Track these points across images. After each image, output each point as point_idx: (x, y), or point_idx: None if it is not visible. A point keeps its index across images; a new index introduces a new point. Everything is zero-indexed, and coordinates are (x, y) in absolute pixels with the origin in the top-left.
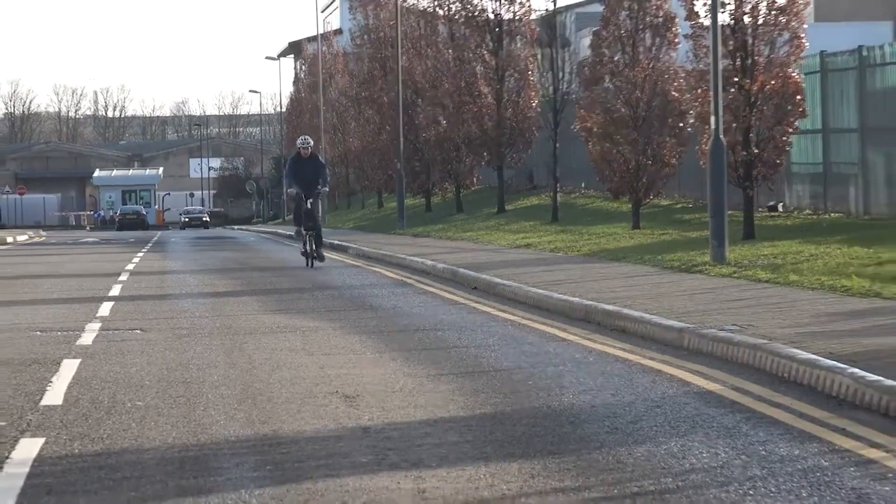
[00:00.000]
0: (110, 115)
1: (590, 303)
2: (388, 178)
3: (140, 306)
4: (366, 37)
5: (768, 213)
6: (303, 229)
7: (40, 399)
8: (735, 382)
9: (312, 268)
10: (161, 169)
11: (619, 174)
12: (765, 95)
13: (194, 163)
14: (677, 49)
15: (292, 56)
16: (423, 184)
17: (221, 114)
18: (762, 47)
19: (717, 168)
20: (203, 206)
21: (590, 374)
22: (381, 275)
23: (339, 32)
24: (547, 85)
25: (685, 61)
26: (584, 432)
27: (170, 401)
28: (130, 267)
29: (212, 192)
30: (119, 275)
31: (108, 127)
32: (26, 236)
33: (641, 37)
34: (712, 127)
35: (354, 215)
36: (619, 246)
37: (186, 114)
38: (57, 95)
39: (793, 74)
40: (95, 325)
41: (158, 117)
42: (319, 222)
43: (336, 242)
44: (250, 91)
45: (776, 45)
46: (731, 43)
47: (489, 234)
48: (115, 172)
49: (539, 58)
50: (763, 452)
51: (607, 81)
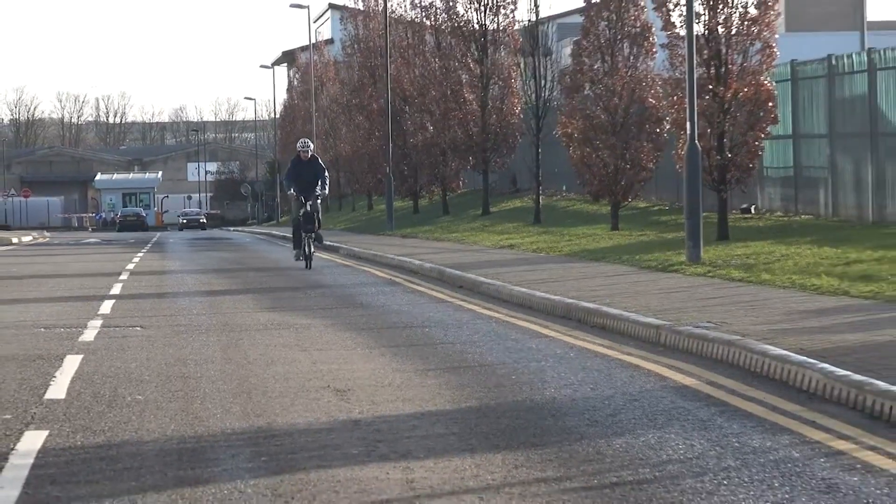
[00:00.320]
0: (111, 121)
1: (571, 301)
2: (377, 182)
3: (140, 304)
4: (356, 46)
5: (741, 215)
6: (302, 231)
7: (44, 393)
8: (710, 377)
9: (310, 269)
10: (160, 173)
11: (599, 178)
12: (738, 102)
13: (192, 167)
14: (654, 58)
15: (286, 65)
16: (411, 187)
17: (218, 120)
18: (735, 56)
19: (693, 172)
20: (200, 208)
21: (571, 369)
22: (371, 274)
23: (330, 42)
24: (529, 92)
25: (662, 70)
26: (565, 425)
27: (168, 395)
28: (131, 266)
29: (209, 194)
30: (120, 274)
31: (109, 132)
32: (31, 237)
33: (620, 46)
34: (688, 132)
35: (345, 217)
36: (599, 246)
37: (184, 120)
38: (60, 102)
39: (765, 82)
40: (97, 323)
41: (158, 123)
42: (319, 224)
43: (328, 243)
44: (246, 98)
45: (749, 54)
46: (706, 52)
47: (474, 235)
48: (115, 176)
49: (522, 66)
50: (737, 444)
51: (587, 89)
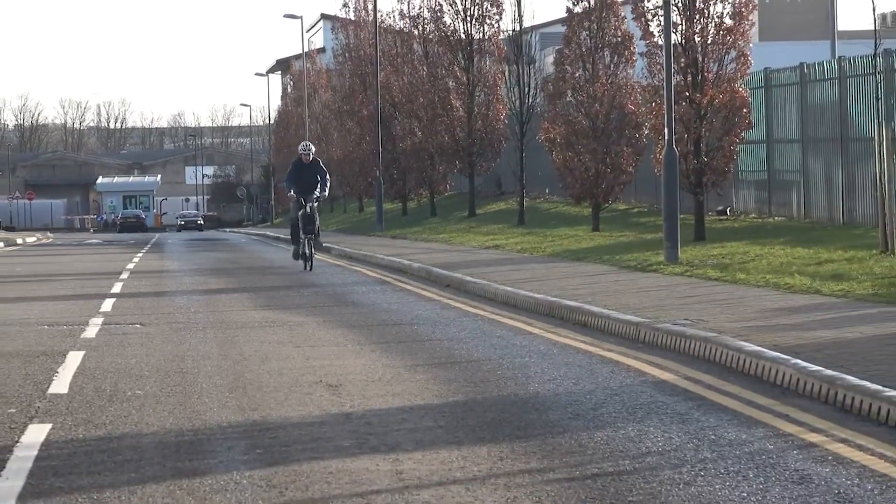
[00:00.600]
0: (112, 126)
1: (554, 299)
2: (367, 185)
3: (140, 303)
4: (347, 55)
5: (717, 217)
6: (301, 233)
7: (47, 388)
8: (687, 372)
9: (310, 270)
10: (159, 176)
11: (581, 181)
12: (714, 108)
13: (190, 170)
14: (634, 66)
15: (280, 72)
16: (400, 190)
17: (215, 125)
18: (711, 64)
19: (671, 175)
20: (198, 210)
21: (554, 364)
22: (361, 273)
23: (322, 51)
24: (514, 99)
25: (641, 77)
26: (548, 418)
27: (167, 389)
28: (131, 266)
29: (206, 197)
30: (120, 274)
31: (110, 137)
32: (35, 238)
33: (601, 55)
34: (666, 137)
35: (337, 218)
36: (581, 247)
37: (182, 125)
38: (63, 108)
39: (739, 89)
40: (98, 320)
41: (157, 128)
42: (318, 226)
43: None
44: (241, 104)
45: (724, 63)
46: (683, 60)
47: (461, 236)
48: (116, 179)
49: (507, 74)
50: (713, 437)
51: (569, 96)
